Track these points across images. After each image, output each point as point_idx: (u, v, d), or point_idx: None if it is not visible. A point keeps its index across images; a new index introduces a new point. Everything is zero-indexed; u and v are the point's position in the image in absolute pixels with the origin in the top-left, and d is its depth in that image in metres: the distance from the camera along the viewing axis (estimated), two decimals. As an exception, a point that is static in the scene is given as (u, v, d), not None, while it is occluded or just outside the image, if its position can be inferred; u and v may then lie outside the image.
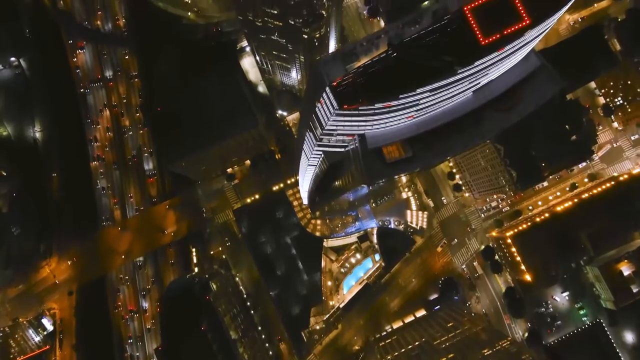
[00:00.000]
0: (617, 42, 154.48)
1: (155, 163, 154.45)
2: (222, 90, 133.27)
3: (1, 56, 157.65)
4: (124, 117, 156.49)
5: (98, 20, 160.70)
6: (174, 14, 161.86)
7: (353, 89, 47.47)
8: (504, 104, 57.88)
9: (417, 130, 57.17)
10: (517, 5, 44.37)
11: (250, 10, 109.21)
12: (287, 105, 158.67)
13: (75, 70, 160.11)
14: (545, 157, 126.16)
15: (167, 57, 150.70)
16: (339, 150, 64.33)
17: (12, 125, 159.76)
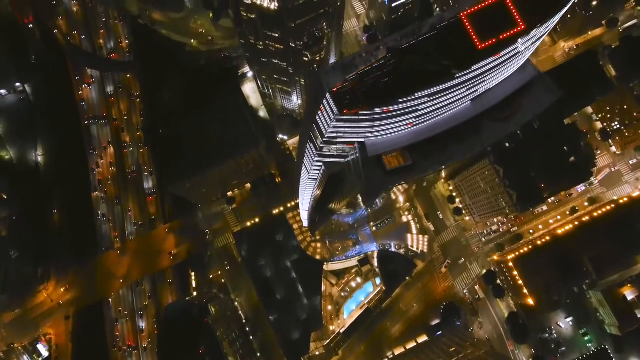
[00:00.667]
0: (612, 68, 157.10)
1: (155, 182, 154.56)
2: (223, 113, 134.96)
3: (7, 82, 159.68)
4: (124, 133, 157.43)
5: (102, 48, 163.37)
6: (177, 41, 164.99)
7: (353, 94, 48.40)
8: (503, 113, 58.80)
9: (417, 138, 57.89)
10: (512, 11, 45.76)
11: (252, 34, 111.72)
12: (287, 129, 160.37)
13: (81, 103, 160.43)
14: (545, 178, 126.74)
15: (170, 82, 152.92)
16: (339, 160, 64.90)
17: (14, 149, 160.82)
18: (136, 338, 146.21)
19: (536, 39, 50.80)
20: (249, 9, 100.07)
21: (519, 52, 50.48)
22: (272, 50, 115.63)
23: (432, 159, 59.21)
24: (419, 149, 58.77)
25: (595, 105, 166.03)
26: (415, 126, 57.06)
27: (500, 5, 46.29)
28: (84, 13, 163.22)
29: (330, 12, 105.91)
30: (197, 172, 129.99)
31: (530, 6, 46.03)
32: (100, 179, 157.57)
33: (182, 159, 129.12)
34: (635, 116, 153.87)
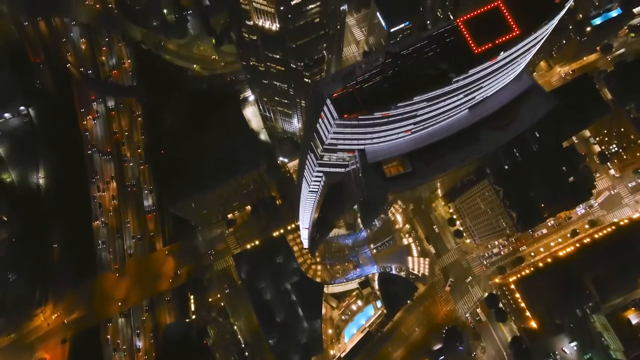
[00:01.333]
0: (608, 92, 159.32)
1: (155, 200, 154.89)
2: (224, 134, 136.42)
3: (11, 105, 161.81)
4: (124, 147, 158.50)
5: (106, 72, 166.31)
6: (180, 66, 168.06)
7: (353, 99, 49.38)
8: (500, 121, 59.80)
9: (416, 145, 58.67)
10: (507, 17, 47.24)
11: (254, 55, 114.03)
12: (288, 152, 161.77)
13: (84, 133, 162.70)
14: (544, 198, 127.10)
15: (173, 106, 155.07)
16: (339, 170, 65.55)
17: (16, 171, 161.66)
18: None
19: (531, 45, 52.14)
20: (251, 30, 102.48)
21: (516, 59, 51.75)
22: (273, 72, 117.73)
23: (432, 166, 59.83)
24: (419, 157, 59.47)
25: (592, 128, 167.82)
26: (414, 133, 57.91)
27: (495, 11, 47.84)
28: (89, 40, 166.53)
29: (330, 34, 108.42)
30: (198, 191, 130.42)
31: (524, 13, 47.55)
32: (101, 209, 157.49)
33: (183, 179, 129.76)
34: (633, 139, 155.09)
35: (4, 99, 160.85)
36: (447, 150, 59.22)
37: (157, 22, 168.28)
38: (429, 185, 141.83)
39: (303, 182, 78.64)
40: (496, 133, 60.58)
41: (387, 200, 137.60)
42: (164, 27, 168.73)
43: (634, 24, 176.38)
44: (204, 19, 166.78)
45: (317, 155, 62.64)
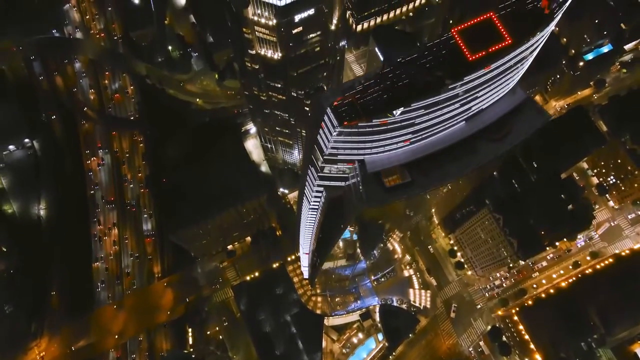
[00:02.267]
0: (603, 124, 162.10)
1: (154, 225, 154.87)
2: (226, 165, 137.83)
3: (16, 138, 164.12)
4: (124, 166, 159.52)
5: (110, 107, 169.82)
6: (183, 100, 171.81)
7: (352, 107, 51.00)
8: (497, 134, 61.36)
9: (414, 156, 59.90)
10: (499, 27, 49.50)
11: (256, 85, 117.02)
12: (288, 183, 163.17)
13: (88, 173, 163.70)
14: (544, 226, 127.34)
15: (175, 137, 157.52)
16: (339, 184, 66.51)
17: (17, 203, 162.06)
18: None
19: (523, 56, 54.20)
20: (254, 59, 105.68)
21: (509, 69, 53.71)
22: (275, 101, 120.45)
23: (430, 176, 60.96)
24: (417, 167, 60.61)
25: (589, 160, 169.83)
26: (413, 144, 59.25)
27: (488, 22, 50.15)
28: (95, 75, 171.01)
29: (330, 64, 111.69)
30: (198, 220, 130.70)
31: (516, 23, 49.85)
32: (102, 251, 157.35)
33: (185, 208, 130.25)
34: (630, 170, 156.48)
35: (10, 131, 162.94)
36: (445, 161, 60.47)
37: (162, 58, 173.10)
38: (424, 212, 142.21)
39: (304, 200, 79.41)
40: (493, 145, 62.02)
41: (385, 230, 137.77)
42: (168, 63, 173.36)
43: (625, 61, 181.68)
44: (207, 55, 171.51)
45: (317, 168, 63.72)
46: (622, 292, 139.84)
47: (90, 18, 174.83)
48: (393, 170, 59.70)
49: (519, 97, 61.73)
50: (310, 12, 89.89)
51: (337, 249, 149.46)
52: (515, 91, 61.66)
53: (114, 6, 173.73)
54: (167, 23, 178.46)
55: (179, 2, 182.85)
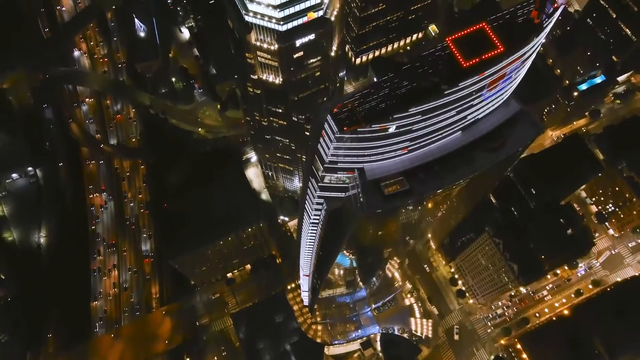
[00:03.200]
0: (600, 152, 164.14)
1: (153, 246, 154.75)
2: (226, 192, 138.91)
3: (19, 166, 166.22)
4: (124, 182, 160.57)
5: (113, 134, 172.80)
6: (186, 129, 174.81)
7: (352, 113, 52.77)
8: (492, 144, 62.96)
9: (412, 164, 61.30)
10: (491, 36, 51.84)
11: (257, 110, 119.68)
12: (288, 211, 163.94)
13: (90, 208, 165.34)
14: (544, 250, 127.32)
15: (177, 165, 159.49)
16: (339, 194, 67.56)
17: (18, 231, 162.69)
18: None
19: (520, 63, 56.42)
20: (255, 84, 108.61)
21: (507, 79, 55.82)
22: (276, 127, 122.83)
23: (428, 184, 62.26)
24: (415, 175, 61.92)
25: (587, 188, 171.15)
26: (411, 152, 60.74)
27: (480, 32, 52.58)
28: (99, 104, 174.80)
29: (330, 89, 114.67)
30: (199, 245, 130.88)
31: (507, 33, 52.24)
32: (101, 291, 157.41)
33: (185, 233, 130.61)
34: (628, 197, 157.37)
35: (14, 160, 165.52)
36: (442, 169, 61.86)
37: (166, 89, 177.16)
38: (420, 237, 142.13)
39: (304, 215, 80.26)
40: (488, 155, 63.56)
41: (383, 257, 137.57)
42: (171, 94, 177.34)
43: (618, 92, 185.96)
44: (210, 87, 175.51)
45: (318, 178, 64.95)
46: (626, 320, 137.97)
47: (96, 50, 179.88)
48: (391, 178, 60.96)
49: (513, 108, 63.70)
50: (311, 37, 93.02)
51: (336, 276, 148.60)
52: (509, 103, 63.66)
53: (120, 39, 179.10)
54: (172, 56, 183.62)
55: (184, 37, 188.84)
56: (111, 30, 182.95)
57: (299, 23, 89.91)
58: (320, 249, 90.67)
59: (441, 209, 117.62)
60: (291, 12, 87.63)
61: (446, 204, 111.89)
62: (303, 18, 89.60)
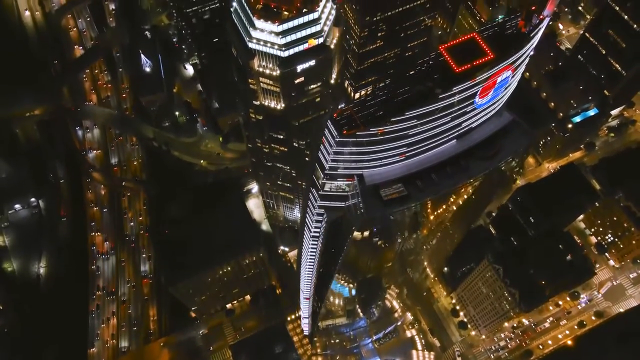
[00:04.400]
0: (596, 183, 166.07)
1: (152, 268, 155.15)
2: (227, 221, 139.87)
3: (23, 197, 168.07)
4: (124, 199, 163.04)
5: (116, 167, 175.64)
6: (188, 161, 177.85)
7: (351, 118, 55.33)
8: (487, 152, 65.16)
9: (409, 170, 63.37)
10: (481, 45, 55.00)
11: (259, 137, 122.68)
12: (288, 241, 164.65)
13: (91, 247, 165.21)
14: (545, 276, 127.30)
15: (179, 195, 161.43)
16: (339, 204, 69.10)
17: (18, 261, 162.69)
18: None
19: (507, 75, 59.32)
20: (258, 110, 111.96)
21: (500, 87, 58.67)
22: (277, 154, 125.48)
23: (425, 190, 64.05)
24: (412, 182, 63.81)
25: (586, 219, 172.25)
26: (408, 159, 62.87)
27: (471, 41, 55.86)
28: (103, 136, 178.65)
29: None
30: (199, 271, 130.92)
31: (497, 42, 55.47)
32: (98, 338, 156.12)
33: (185, 259, 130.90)
34: (626, 227, 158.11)
35: (17, 191, 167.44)
36: (438, 176, 63.86)
37: (169, 122, 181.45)
38: (417, 266, 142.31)
39: (305, 230, 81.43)
40: (483, 163, 65.73)
41: (381, 285, 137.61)
42: (175, 128, 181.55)
43: (612, 126, 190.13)
44: (212, 120, 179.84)
45: (318, 187, 66.76)
46: (630, 350, 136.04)
47: (103, 86, 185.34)
48: (390, 184, 62.82)
49: (506, 119, 66.33)
50: (311, 63, 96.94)
51: (336, 305, 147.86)
52: (501, 114, 66.35)
53: (126, 74, 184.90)
54: (176, 91, 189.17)
55: (188, 73, 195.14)
56: (117, 65, 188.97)
57: (300, 49, 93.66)
58: (320, 265, 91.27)
59: (436, 236, 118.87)
60: (292, 38, 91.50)
61: (440, 230, 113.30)
62: (304, 44, 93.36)
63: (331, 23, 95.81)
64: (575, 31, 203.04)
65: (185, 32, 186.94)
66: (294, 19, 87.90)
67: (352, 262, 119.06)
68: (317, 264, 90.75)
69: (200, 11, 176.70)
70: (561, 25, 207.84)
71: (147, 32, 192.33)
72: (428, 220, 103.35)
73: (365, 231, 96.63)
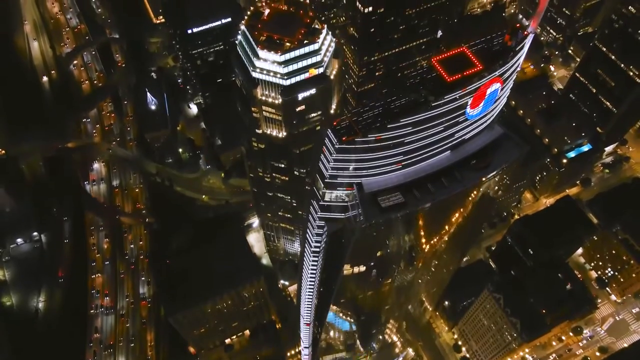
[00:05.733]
0: (593, 216, 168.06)
1: (151, 292, 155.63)
2: (228, 253, 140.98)
3: (25, 231, 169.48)
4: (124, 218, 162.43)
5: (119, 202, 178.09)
6: (190, 196, 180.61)
7: (349, 126, 58.64)
8: (480, 163, 68.05)
9: (405, 179, 65.99)
10: (470, 57, 59.08)
11: (261, 166, 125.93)
12: (289, 275, 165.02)
13: (91, 291, 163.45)
14: (545, 304, 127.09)
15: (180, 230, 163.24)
16: (338, 215, 71.22)
17: (17, 295, 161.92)
18: None
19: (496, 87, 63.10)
20: (260, 138, 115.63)
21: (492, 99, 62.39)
22: (278, 183, 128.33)
23: (420, 198, 66.51)
24: (409, 190, 66.26)
25: (585, 254, 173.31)
26: (404, 168, 65.66)
27: (461, 54, 60.01)
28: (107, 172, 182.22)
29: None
30: (199, 302, 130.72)
31: (485, 55, 59.57)
32: None
33: (185, 291, 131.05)
34: (625, 260, 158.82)
35: (20, 225, 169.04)
36: (433, 185, 66.52)
37: (172, 159, 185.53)
38: (415, 299, 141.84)
39: (306, 246, 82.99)
40: (476, 173, 68.65)
41: (380, 319, 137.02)
42: (178, 164, 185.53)
43: (606, 162, 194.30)
44: (215, 156, 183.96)
45: (319, 197, 69.16)
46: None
47: (108, 122, 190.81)
48: (387, 192, 65.35)
49: (497, 132, 69.71)
50: (312, 92, 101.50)
51: (336, 340, 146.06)
52: (493, 127, 69.80)
53: (132, 111, 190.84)
54: (179, 129, 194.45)
55: (191, 112, 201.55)
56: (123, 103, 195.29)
57: (301, 78, 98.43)
58: (321, 283, 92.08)
59: (431, 267, 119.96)
60: (294, 68, 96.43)
61: (435, 260, 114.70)
62: (305, 74, 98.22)
63: (331, 55, 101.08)
64: (566, 73, 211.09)
65: (190, 73, 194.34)
66: (295, 50, 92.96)
67: (351, 296, 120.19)
68: (317, 282, 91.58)
69: (205, 53, 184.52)
70: (552, 67, 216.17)
71: (153, 73, 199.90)
72: (423, 251, 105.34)
73: (362, 266, 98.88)
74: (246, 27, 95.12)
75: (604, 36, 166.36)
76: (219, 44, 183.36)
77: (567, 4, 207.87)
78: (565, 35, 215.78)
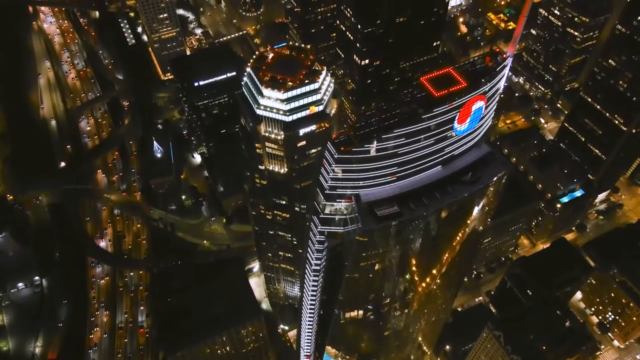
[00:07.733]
0: (590, 260, 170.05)
1: (150, 322, 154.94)
2: (228, 294, 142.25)
3: (27, 276, 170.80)
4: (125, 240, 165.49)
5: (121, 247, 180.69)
6: (191, 242, 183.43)
7: (348, 138, 63.97)
8: (468, 178, 72.88)
9: (400, 191, 70.32)
10: (456, 76, 65.45)
11: (263, 203, 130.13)
12: (289, 320, 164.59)
13: (89, 337, 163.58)
14: (545, 341, 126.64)
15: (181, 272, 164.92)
16: (337, 229, 74.76)
17: (14, 340, 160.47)
18: None
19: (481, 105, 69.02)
20: (262, 175, 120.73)
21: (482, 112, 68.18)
22: (279, 220, 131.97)
23: (415, 209, 70.62)
24: (404, 202, 70.42)
25: (585, 299, 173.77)
26: (399, 180, 70.29)
27: (447, 74, 66.50)
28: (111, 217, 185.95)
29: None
30: (198, 341, 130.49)
31: (469, 75, 66.02)
32: None
33: (185, 329, 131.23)
34: (625, 302, 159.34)
35: (22, 270, 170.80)
36: (426, 197, 70.91)
37: (175, 205, 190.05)
38: (411, 341, 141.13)
39: (306, 266, 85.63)
40: (465, 187, 73.36)
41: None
42: (180, 210, 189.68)
43: (600, 209, 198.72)
44: (217, 203, 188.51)
45: (318, 210, 73.09)
46: None
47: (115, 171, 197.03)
48: (383, 203, 69.59)
49: (484, 150, 75.09)
50: (312, 128, 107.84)
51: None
52: (479, 145, 75.27)
53: (137, 160, 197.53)
54: (183, 177, 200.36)
55: (195, 161, 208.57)
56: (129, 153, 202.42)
57: (303, 115, 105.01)
58: (321, 306, 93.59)
59: (425, 309, 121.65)
60: (296, 105, 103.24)
61: (429, 301, 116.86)
62: (306, 111, 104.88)
63: (330, 94, 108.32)
64: (556, 125, 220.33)
65: (195, 125, 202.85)
66: (297, 88, 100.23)
67: (350, 340, 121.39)
68: (318, 305, 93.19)
69: (210, 105, 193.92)
70: (543, 119, 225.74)
71: (159, 124, 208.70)
72: (417, 292, 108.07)
73: (359, 311, 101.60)
74: (252, 68, 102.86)
75: (588, 88, 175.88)
76: (223, 96, 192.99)
77: (553, 61, 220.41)
78: (554, 90, 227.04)
